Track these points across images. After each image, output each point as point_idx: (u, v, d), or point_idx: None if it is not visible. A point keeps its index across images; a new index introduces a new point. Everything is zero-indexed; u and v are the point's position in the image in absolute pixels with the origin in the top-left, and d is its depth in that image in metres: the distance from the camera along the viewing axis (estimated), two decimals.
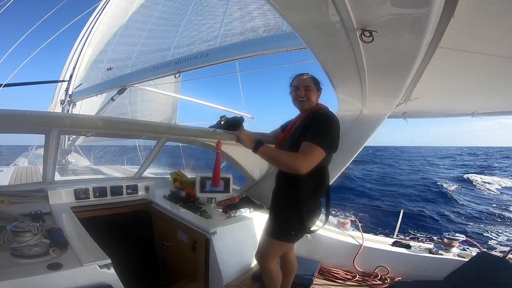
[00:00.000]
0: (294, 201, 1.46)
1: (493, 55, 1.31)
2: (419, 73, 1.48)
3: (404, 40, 1.07)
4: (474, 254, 2.16)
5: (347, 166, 2.19)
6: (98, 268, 1.14)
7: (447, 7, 0.91)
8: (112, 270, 1.17)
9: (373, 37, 0.98)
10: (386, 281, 2.17)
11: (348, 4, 0.88)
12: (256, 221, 2.21)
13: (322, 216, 1.64)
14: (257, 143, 1.43)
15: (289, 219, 1.48)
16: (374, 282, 2.17)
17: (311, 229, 1.54)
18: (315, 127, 1.38)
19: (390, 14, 0.93)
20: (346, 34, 1.04)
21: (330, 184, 1.56)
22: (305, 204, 1.46)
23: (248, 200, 2.53)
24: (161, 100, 7.24)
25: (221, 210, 2.29)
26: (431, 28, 0.98)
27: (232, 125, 1.63)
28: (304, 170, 1.30)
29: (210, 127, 1.67)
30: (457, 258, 2.18)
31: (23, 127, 1.22)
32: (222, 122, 1.65)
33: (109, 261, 1.18)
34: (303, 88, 1.51)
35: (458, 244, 2.28)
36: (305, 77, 1.54)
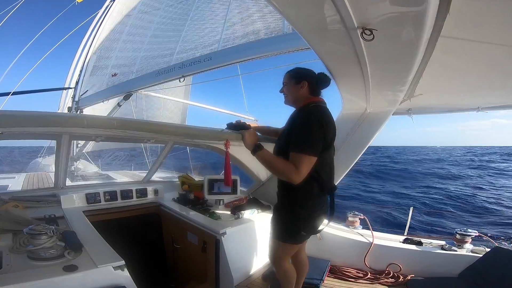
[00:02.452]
0: (294, 202, 1.46)
1: (493, 48, 1.32)
2: (421, 69, 1.48)
3: (404, 37, 1.09)
4: (487, 249, 2.14)
5: (353, 164, 2.20)
6: (113, 269, 1.17)
7: (442, 3, 0.93)
8: (126, 272, 1.20)
9: (373, 35, 1.01)
10: (399, 279, 2.16)
11: (347, 3, 0.90)
12: (264, 222, 2.23)
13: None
14: (256, 147, 1.43)
15: (290, 220, 1.49)
16: (386, 279, 2.17)
17: (317, 229, 1.53)
18: (296, 134, 1.35)
19: (388, 13, 0.95)
20: (348, 33, 1.06)
21: (335, 181, 1.56)
22: (305, 205, 1.45)
23: (255, 201, 2.56)
24: (170, 107, 7.35)
25: (229, 211, 2.31)
26: (428, 24, 1.00)
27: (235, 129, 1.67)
28: (297, 181, 1.30)
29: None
30: (470, 254, 2.17)
31: (40, 127, 1.27)
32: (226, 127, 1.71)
33: (122, 262, 1.21)
34: (283, 85, 1.54)
35: (470, 240, 2.26)
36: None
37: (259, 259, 2.15)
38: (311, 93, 1.49)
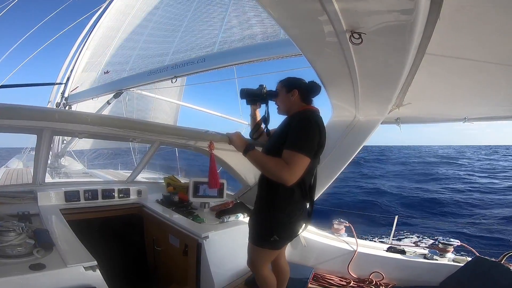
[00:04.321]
0: (272, 207, 1.42)
1: (481, 61, 1.34)
2: (410, 78, 1.50)
3: (393, 42, 1.08)
4: (469, 259, 2.16)
5: (340, 172, 2.18)
6: (83, 269, 1.11)
7: (432, 8, 0.92)
8: (97, 272, 1.15)
9: (362, 39, 1.00)
10: (381, 287, 2.15)
11: (337, 7, 0.90)
12: None
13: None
14: (248, 147, 1.40)
15: (267, 224, 1.44)
16: None
17: (295, 235, 1.49)
18: (293, 133, 1.33)
19: (377, 16, 0.94)
20: (337, 37, 1.06)
21: (321, 189, 1.53)
22: (283, 209, 1.41)
23: (242, 206, 2.50)
24: (163, 108, 7.29)
25: (214, 215, 2.26)
26: (418, 30, 0.99)
27: (272, 95, 1.61)
28: (291, 181, 1.26)
29: (248, 91, 1.65)
30: (452, 263, 2.18)
31: (14, 120, 1.20)
32: (264, 91, 1.62)
33: (94, 263, 1.15)
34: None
35: (452, 249, 2.28)
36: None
37: (242, 264, 2.08)
38: (302, 100, 1.49)
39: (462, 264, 2.09)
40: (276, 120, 1.69)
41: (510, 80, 1.45)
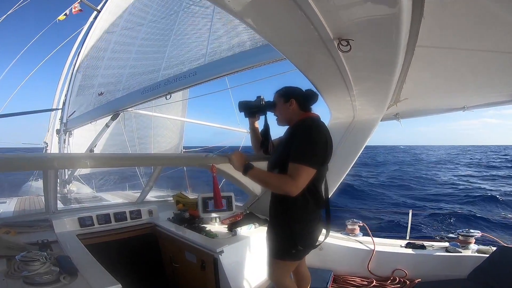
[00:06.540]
0: (288, 218, 1.47)
1: (470, 49, 1.42)
2: (403, 74, 1.58)
3: (381, 45, 1.16)
4: (494, 248, 2.20)
5: (346, 174, 2.27)
6: None
7: (415, 8, 1.00)
8: None
9: (350, 46, 1.08)
10: (405, 284, 2.21)
11: (320, 16, 0.96)
12: (262, 236, 2.25)
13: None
14: (247, 167, 1.48)
15: (286, 237, 1.49)
16: (392, 286, 2.21)
17: (315, 243, 1.55)
18: (297, 144, 1.37)
19: (362, 21, 1.01)
20: (325, 45, 1.14)
21: (329, 194, 1.61)
22: (300, 220, 1.46)
23: (252, 216, 2.59)
24: (168, 126, 7.52)
25: (226, 228, 2.35)
26: (404, 30, 1.06)
27: (271, 106, 1.68)
28: (295, 193, 1.33)
29: (246, 104, 1.74)
30: (476, 254, 2.22)
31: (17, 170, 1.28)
32: (263, 103, 1.69)
33: (119, 286, 1.26)
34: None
35: (474, 240, 2.33)
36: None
37: (260, 275, 2.18)
38: (301, 109, 1.55)
39: (488, 255, 2.13)
40: (276, 132, 1.78)
41: (501, 66, 1.53)
